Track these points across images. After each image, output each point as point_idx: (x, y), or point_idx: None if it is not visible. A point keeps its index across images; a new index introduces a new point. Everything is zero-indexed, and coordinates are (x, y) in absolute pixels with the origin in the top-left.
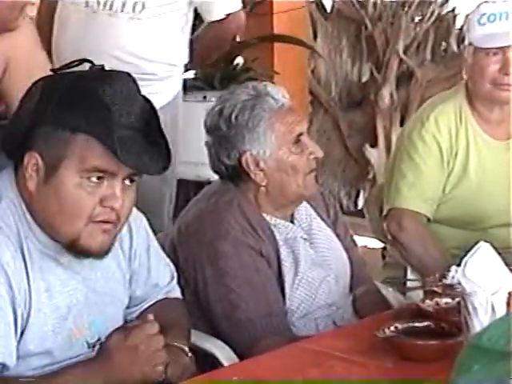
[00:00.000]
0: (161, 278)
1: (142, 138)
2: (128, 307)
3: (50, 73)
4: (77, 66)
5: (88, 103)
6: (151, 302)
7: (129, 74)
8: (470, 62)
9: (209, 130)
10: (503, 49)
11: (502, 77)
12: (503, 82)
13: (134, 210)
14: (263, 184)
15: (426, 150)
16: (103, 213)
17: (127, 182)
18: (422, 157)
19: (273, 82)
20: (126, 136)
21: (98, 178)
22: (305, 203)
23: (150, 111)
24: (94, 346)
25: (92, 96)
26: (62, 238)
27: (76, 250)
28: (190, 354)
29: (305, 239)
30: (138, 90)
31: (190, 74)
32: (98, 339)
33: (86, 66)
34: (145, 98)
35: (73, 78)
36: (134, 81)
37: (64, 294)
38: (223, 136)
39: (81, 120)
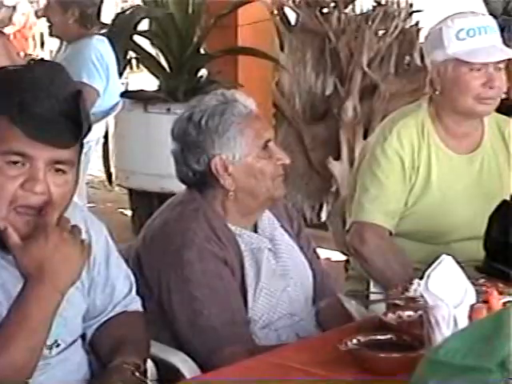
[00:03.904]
0: (119, 290)
1: (58, 119)
2: (86, 320)
3: None
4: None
5: (10, 88)
6: (110, 315)
7: (57, 64)
8: (449, 77)
9: (177, 137)
10: (487, 63)
11: (486, 91)
12: (487, 95)
13: (95, 219)
14: (232, 189)
15: (388, 164)
16: (24, 196)
17: (59, 173)
18: (384, 171)
19: None
20: (41, 117)
21: (22, 163)
22: (268, 213)
23: (72, 96)
24: (51, 348)
25: (15, 82)
26: None
27: (1, 243)
28: (137, 374)
29: (269, 249)
30: (64, 77)
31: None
32: (55, 341)
33: None
34: (71, 84)
35: (8, 69)
36: (61, 68)
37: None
38: (192, 141)
39: (2, 104)
